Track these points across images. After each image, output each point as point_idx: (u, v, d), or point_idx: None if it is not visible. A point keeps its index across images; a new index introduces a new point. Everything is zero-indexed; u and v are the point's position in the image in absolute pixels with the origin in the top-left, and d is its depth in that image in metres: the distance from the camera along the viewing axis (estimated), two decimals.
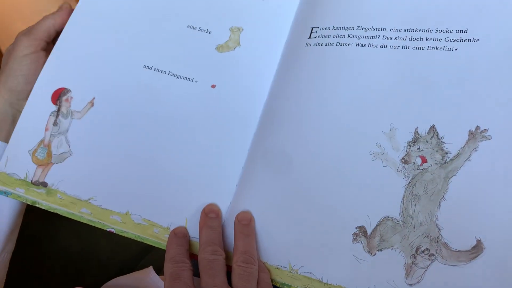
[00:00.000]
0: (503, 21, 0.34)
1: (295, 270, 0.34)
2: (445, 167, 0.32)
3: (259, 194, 0.36)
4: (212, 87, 0.40)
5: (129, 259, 0.51)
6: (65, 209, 0.37)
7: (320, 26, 0.40)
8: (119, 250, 0.51)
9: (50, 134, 0.39)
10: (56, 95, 0.40)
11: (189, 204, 0.37)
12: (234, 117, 0.39)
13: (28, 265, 0.48)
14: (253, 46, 0.41)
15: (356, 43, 0.37)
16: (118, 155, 0.38)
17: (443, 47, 0.35)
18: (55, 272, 0.50)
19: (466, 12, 0.35)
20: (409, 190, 0.33)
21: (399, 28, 0.37)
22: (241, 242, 0.34)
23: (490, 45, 0.33)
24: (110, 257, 0.50)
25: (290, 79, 0.39)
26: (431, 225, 0.32)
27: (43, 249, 0.49)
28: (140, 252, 0.51)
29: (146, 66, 0.40)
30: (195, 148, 0.38)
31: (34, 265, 0.49)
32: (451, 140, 0.32)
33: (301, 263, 0.34)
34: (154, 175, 0.38)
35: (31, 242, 0.47)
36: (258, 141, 0.38)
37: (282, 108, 0.38)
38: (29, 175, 0.38)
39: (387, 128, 0.34)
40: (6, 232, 0.40)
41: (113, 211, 0.37)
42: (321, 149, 0.36)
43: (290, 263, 0.35)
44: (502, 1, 0.34)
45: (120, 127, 0.39)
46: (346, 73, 0.37)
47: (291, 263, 0.35)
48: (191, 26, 0.41)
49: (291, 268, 0.34)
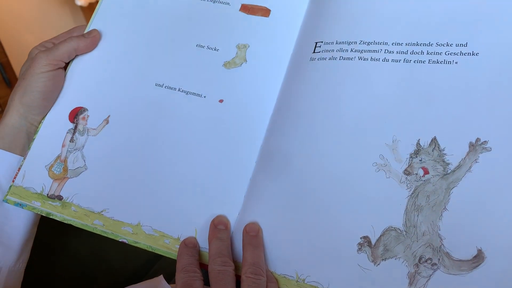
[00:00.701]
0: (502, 35, 0.35)
1: (302, 279, 0.35)
2: (446, 178, 0.33)
3: (266, 205, 0.37)
4: (220, 102, 0.41)
5: (139, 267, 0.52)
6: (79, 221, 0.39)
7: (324, 41, 0.41)
8: (129, 259, 0.51)
9: (66, 150, 0.41)
10: (73, 113, 0.42)
11: (198, 216, 0.38)
12: (241, 130, 0.40)
13: (42, 274, 0.49)
14: (259, 61, 0.42)
15: (359, 57, 0.38)
16: (130, 169, 0.40)
17: (443, 61, 0.36)
18: (67, 281, 0.51)
19: (465, 26, 0.36)
20: (412, 201, 0.33)
21: (400, 42, 0.38)
22: (250, 254, 0.35)
23: (489, 59, 0.34)
24: (121, 265, 0.51)
25: (295, 92, 0.40)
26: (434, 235, 0.32)
27: (56, 258, 0.51)
28: (150, 259, 0.52)
29: (158, 84, 0.42)
30: (204, 161, 0.40)
31: (47, 274, 0.50)
32: (452, 151, 0.33)
33: (308, 272, 0.35)
34: (164, 187, 0.39)
35: (44, 252, 0.48)
36: (265, 153, 0.39)
37: (288, 121, 0.39)
38: (45, 189, 0.40)
39: (390, 140, 0.35)
40: (21, 242, 0.41)
41: (124, 222, 0.39)
42: (326, 161, 0.36)
43: (297, 273, 0.35)
44: (501, 15, 0.35)
45: (133, 142, 0.41)
46: (350, 86, 0.38)
47: (298, 273, 0.35)
48: (199, 45, 0.43)
49: (298, 277, 0.35)
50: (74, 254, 0.50)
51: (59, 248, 0.50)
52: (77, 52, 0.43)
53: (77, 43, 0.42)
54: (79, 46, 0.42)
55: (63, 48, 0.42)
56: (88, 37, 0.43)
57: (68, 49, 0.42)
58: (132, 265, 0.51)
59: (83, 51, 0.43)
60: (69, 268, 0.51)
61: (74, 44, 0.42)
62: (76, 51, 0.43)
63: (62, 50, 0.42)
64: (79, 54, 0.44)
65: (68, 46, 0.42)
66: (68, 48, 0.42)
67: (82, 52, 0.43)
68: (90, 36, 0.43)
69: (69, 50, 0.42)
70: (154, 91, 0.42)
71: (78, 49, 0.43)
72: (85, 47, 0.43)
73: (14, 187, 0.40)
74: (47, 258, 0.49)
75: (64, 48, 0.42)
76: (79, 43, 0.42)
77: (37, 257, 0.45)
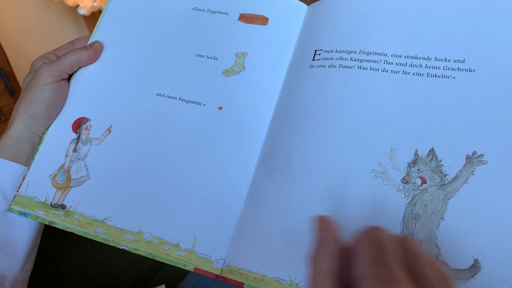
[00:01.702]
0: (499, 53, 0.35)
1: (296, 283, 0.35)
2: (443, 188, 0.34)
3: (265, 209, 0.38)
4: (219, 109, 0.42)
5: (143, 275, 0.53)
6: (81, 229, 0.40)
7: (324, 49, 0.41)
8: (132, 267, 0.52)
9: (70, 160, 0.41)
10: (76, 124, 0.43)
11: (198, 222, 0.39)
12: (240, 137, 0.41)
13: (46, 283, 0.49)
14: (257, 69, 0.43)
15: (358, 66, 0.39)
16: (131, 178, 0.40)
17: (441, 75, 0.36)
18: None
19: (463, 43, 0.37)
20: (410, 209, 0.34)
21: (399, 54, 0.38)
22: None
23: (486, 76, 0.35)
24: (125, 273, 0.51)
25: (294, 99, 0.40)
26: (431, 244, 0.33)
27: (60, 267, 0.51)
28: (154, 267, 0.52)
29: (159, 93, 0.43)
30: (204, 168, 0.40)
31: (52, 283, 0.50)
32: (449, 163, 0.34)
33: (302, 276, 0.35)
34: (165, 195, 0.40)
35: (49, 261, 0.49)
36: (264, 160, 0.40)
37: (286, 127, 0.40)
38: (49, 198, 0.40)
39: (388, 149, 0.36)
40: (26, 251, 0.41)
41: (126, 230, 0.39)
42: (324, 166, 0.37)
43: (291, 277, 0.35)
44: (497, 34, 0.36)
45: (134, 151, 0.41)
46: (349, 94, 0.38)
47: (291, 276, 0.35)
48: (199, 55, 0.44)
49: (292, 281, 0.35)
50: (78, 262, 0.51)
51: (63, 256, 0.51)
52: (80, 64, 0.44)
53: (79, 55, 0.43)
54: (81, 58, 0.43)
55: (66, 60, 0.42)
56: (91, 48, 0.44)
57: (71, 61, 0.43)
58: (135, 273, 0.52)
59: (86, 62, 0.44)
60: (73, 277, 0.51)
61: (77, 56, 0.43)
62: (79, 63, 0.43)
63: (65, 62, 0.42)
64: (82, 66, 0.44)
65: (71, 58, 0.43)
66: (71, 60, 0.43)
67: (85, 64, 0.44)
68: (93, 48, 0.44)
69: (72, 62, 0.43)
70: (155, 100, 0.43)
71: (80, 61, 0.43)
72: (88, 59, 0.43)
73: (18, 196, 0.41)
74: (51, 267, 0.50)
75: (67, 60, 0.42)
76: (82, 55, 0.43)
77: (41, 266, 0.45)
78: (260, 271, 0.36)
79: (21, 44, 1.55)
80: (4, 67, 1.45)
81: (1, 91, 1.44)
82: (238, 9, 0.45)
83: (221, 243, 0.38)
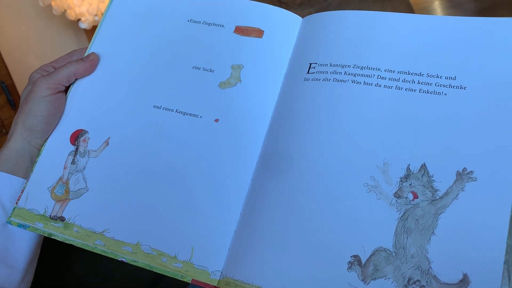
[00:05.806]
0: (489, 71, 0.36)
1: None
2: (434, 204, 0.34)
3: (261, 221, 0.38)
4: (216, 121, 0.42)
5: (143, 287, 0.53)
6: (80, 241, 0.40)
7: (318, 62, 0.42)
8: (133, 279, 0.52)
9: (68, 172, 0.42)
10: (74, 136, 0.43)
11: (195, 234, 0.39)
12: (236, 149, 0.41)
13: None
14: (253, 81, 0.43)
15: (352, 80, 0.40)
16: (130, 190, 0.41)
17: (433, 91, 0.37)
18: None
19: (454, 60, 0.38)
20: (402, 223, 0.35)
21: (392, 70, 0.39)
22: None
23: (476, 93, 0.36)
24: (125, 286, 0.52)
25: (289, 111, 0.41)
26: (422, 258, 0.34)
27: (60, 279, 0.51)
28: (153, 280, 0.52)
29: (156, 106, 0.43)
30: (201, 180, 0.41)
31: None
32: (440, 178, 0.35)
33: (297, 287, 0.35)
34: (163, 207, 0.40)
35: (48, 273, 0.49)
36: (260, 172, 0.40)
37: (281, 140, 0.40)
38: (48, 210, 0.41)
39: (381, 163, 0.37)
40: (25, 263, 0.42)
41: (125, 242, 0.40)
42: (318, 179, 0.37)
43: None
44: (488, 52, 0.37)
45: (132, 163, 0.42)
46: (342, 108, 0.39)
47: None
48: (195, 67, 0.44)
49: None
50: (78, 274, 0.51)
51: (63, 268, 0.51)
52: (76, 76, 0.44)
53: (76, 67, 0.43)
54: (78, 70, 0.43)
55: (63, 72, 0.42)
56: (87, 60, 0.44)
57: (67, 73, 0.43)
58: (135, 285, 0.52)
59: (82, 74, 0.44)
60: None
61: (73, 68, 0.43)
62: (76, 75, 0.44)
63: (62, 74, 0.42)
64: (78, 78, 0.45)
65: (67, 70, 0.43)
66: (68, 72, 0.43)
67: (81, 76, 0.44)
68: (89, 59, 0.44)
69: (68, 75, 0.43)
70: (152, 112, 0.43)
71: (77, 73, 0.43)
72: (84, 71, 0.44)
73: (17, 209, 0.41)
74: (51, 279, 0.50)
75: (64, 73, 0.42)
76: (78, 67, 0.43)
77: (41, 278, 0.46)
78: (255, 283, 0.36)
79: (22, 57, 1.55)
80: (6, 80, 1.45)
81: (3, 104, 1.44)
82: (233, 21, 0.45)
83: (218, 254, 0.39)
